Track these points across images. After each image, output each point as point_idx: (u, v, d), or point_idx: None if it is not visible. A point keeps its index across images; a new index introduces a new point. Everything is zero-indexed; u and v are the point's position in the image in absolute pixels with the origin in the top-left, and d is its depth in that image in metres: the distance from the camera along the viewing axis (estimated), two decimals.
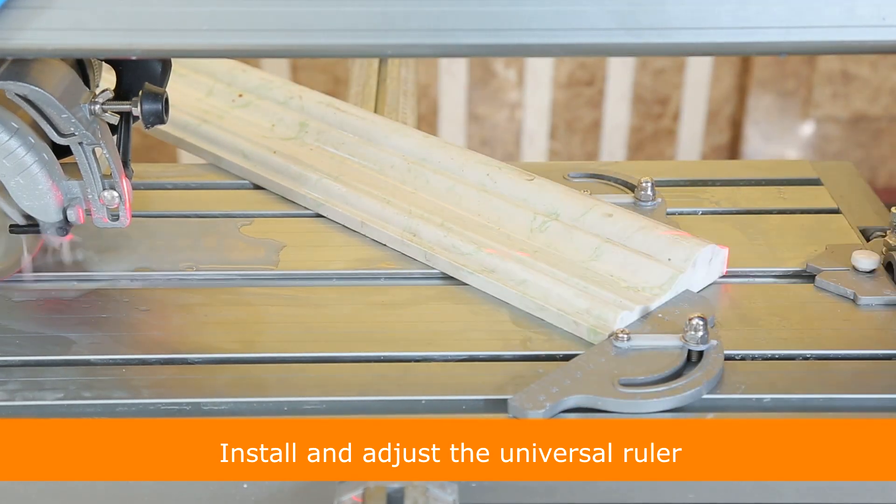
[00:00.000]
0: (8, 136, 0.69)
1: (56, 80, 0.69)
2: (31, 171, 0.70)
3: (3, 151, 0.69)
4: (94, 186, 0.73)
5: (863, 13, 0.62)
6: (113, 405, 0.65)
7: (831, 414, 0.64)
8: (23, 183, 0.71)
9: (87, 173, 0.72)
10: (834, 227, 0.86)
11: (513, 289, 0.76)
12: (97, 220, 0.74)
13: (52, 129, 0.70)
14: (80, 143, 0.71)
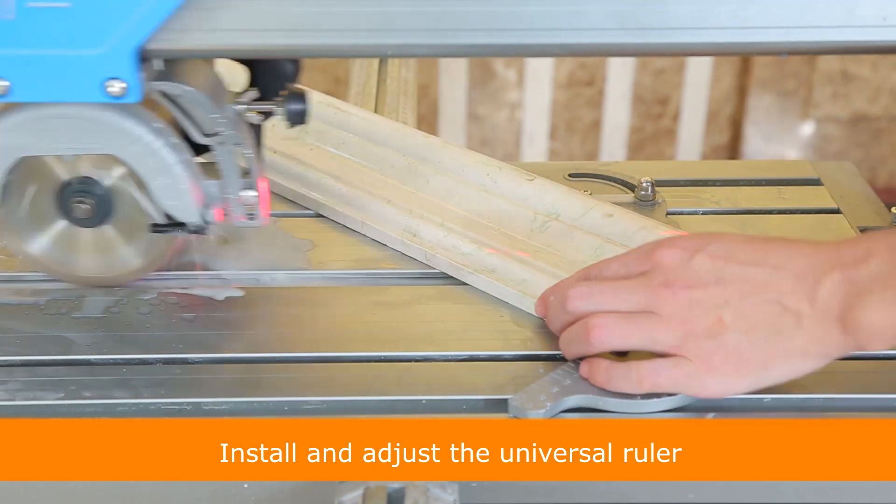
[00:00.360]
0: (153, 137, 0.69)
1: (204, 81, 0.70)
2: (175, 171, 0.70)
3: (148, 151, 0.69)
4: (232, 186, 0.73)
5: (864, 13, 0.62)
6: (113, 405, 0.65)
7: (831, 414, 0.64)
8: (166, 183, 0.71)
9: (227, 173, 0.72)
10: (834, 227, 0.86)
11: (513, 289, 0.76)
12: (234, 219, 0.74)
13: (195, 129, 0.70)
14: (222, 142, 0.71)
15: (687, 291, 0.63)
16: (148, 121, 0.69)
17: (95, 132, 0.68)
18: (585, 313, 0.66)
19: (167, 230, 0.73)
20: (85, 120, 0.68)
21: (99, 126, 0.68)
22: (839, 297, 0.60)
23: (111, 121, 0.68)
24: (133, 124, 0.69)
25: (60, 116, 0.68)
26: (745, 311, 0.62)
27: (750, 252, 0.64)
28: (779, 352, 0.62)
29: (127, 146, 0.69)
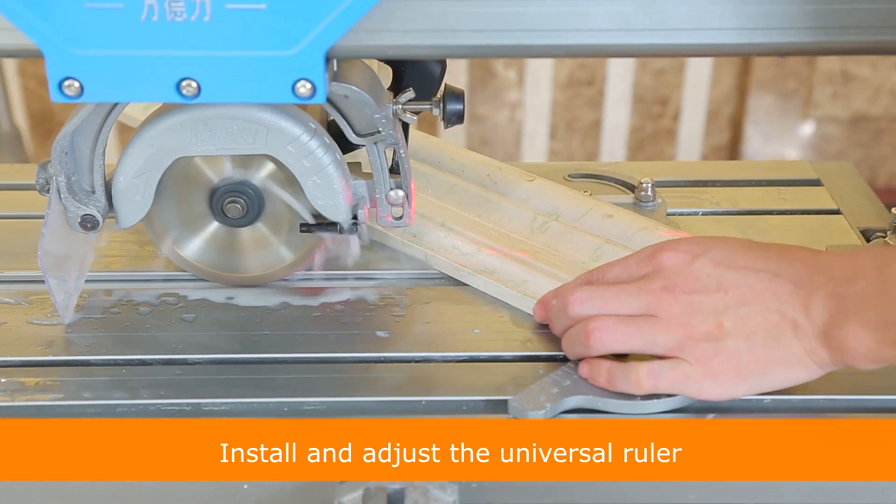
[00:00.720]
0: (309, 137, 0.69)
1: (366, 81, 0.70)
2: (328, 171, 0.71)
3: (304, 151, 0.70)
4: (381, 186, 0.73)
5: (862, 14, 0.62)
6: (113, 405, 0.65)
7: (832, 415, 0.64)
8: (319, 182, 0.71)
9: (378, 173, 0.72)
10: (834, 228, 0.86)
11: (513, 289, 0.76)
12: (381, 219, 0.74)
13: (349, 128, 0.71)
14: (375, 142, 0.71)
15: (688, 296, 0.63)
16: (304, 121, 0.70)
17: (253, 132, 0.69)
18: (587, 317, 0.66)
19: (316, 229, 0.74)
20: (244, 120, 0.68)
21: (257, 126, 0.69)
22: (828, 312, 0.61)
23: (269, 121, 0.69)
24: (290, 124, 0.69)
25: (219, 117, 0.68)
26: (745, 318, 0.62)
27: (751, 257, 0.64)
28: (777, 359, 0.62)
29: (283, 146, 0.70)
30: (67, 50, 0.60)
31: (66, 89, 0.62)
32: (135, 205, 0.72)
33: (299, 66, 0.61)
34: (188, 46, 0.61)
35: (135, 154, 0.70)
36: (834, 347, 0.61)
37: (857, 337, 0.59)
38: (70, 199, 0.71)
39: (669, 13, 0.63)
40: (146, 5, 0.59)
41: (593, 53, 0.68)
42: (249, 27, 0.60)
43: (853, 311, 0.59)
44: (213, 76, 0.62)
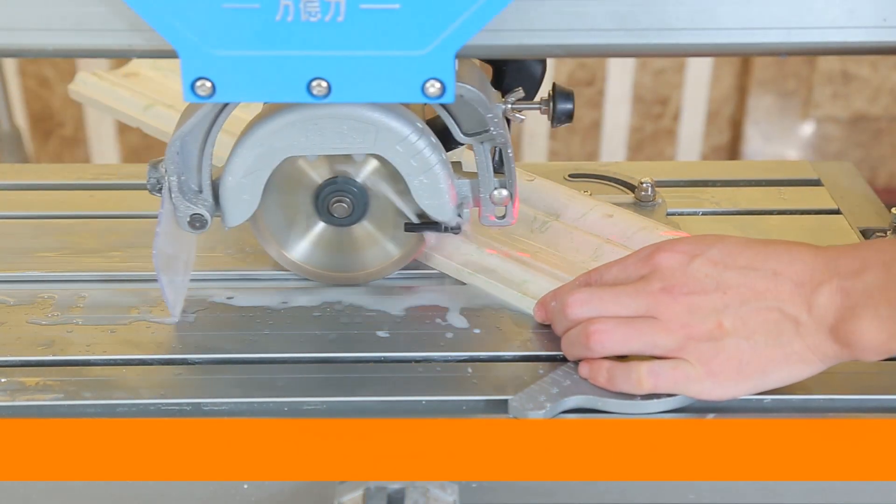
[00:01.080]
0: (417, 137, 0.70)
1: (476, 79, 0.70)
2: (435, 170, 0.71)
3: (412, 151, 0.70)
4: (486, 185, 0.73)
5: (863, 14, 0.62)
6: (113, 405, 0.65)
7: (832, 415, 0.64)
8: (426, 182, 0.71)
9: (483, 172, 0.73)
10: (834, 228, 0.86)
11: (513, 289, 0.76)
12: (484, 218, 0.74)
13: (457, 127, 0.71)
14: (482, 141, 0.71)
15: (687, 297, 0.63)
16: (412, 120, 0.70)
17: (363, 132, 0.69)
18: (587, 319, 0.66)
19: (420, 228, 0.74)
20: (354, 120, 0.69)
21: (367, 126, 0.69)
22: (834, 307, 0.60)
23: (379, 121, 0.69)
24: (399, 124, 0.69)
25: (329, 117, 0.68)
26: (745, 317, 0.62)
27: (750, 256, 0.64)
28: (778, 357, 0.62)
29: (392, 146, 0.70)
30: (202, 50, 0.61)
31: (198, 89, 0.62)
32: (243, 204, 0.72)
33: (430, 66, 0.62)
34: (321, 46, 0.61)
35: (244, 153, 0.70)
36: (843, 342, 0.60)
37: (868, 330, 0.59)
38: (180, 199, 0.71)
39: (669, 12, 0.63)
40: (282, 5, 0.60)
41: (593, 53, 0.68)
42: (382, 27, 0.60)
43: (862, 305, 0.59)
44: (343, 76, 0.62)
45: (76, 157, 2.11)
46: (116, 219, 0.88)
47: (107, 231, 0.86)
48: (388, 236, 0.76)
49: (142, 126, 1.01)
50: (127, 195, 0.93)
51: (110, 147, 2.07)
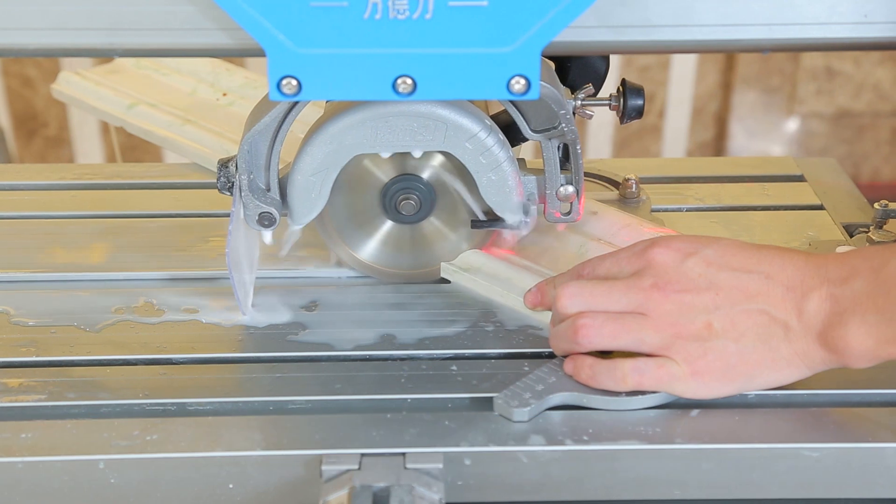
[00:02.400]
0: (486, 134, 0.70)
1: (548, 76, 0.70)
2: (504, 167, 0.71)
3: (481, 148, 0.70)
4: (553, 181, 0.73)
5: (844, 10, 0.62)
6: (97, 406, 0.65)
7: (814, 410, 0.64)
8: (494, 179, 0.72)
9: (551, 168, 0.73)
10: (818, 224, 0.86)
11: (498, 286, 0.76)
12: (550, 214, 0.75)
13: (525, 124, 0.71)
14: (551, 138, 0.71)
15: (678, 294, 0.63)
16: (481, 118, 0.70)
17: (433, 129, 0.69)
18: (576, 313, 0.66)
19: (487, 225, 0.74)
20: (424, 117, 0.69)
21: (437, 123, 0.69)
22: (823, 313, 0.61)
23: (449, 118, 0.69)
24: (469, 121, 0.69)
25: (400, 114, 0.69)
26: (735, 319, 0.62)
27: (743, 258, 0.64)
28: (765, 361, 0.62)
29: (461, 143, 0.70)
30: (290, 49, 0.61)
31: (284, 87, 0.62)
32: (311, 202, 0.72)
33: (516, 63, 0.62)
34: (408, 44, 0.61)
35: (314, 152, 0.70)
36: (831, 348, 0.61)
37: (856, 336, 0.59)
38: (250, 197, 0.71)
39: (651, 9, 0.63)
40: (370, 3, 0.60)
41: (576, 50, 0.68)
42: (470, 24, 0.61)
43: (851, 311, 0.60)
44: (429, 73, 0.62)
45: (60, 157, 2.10)
46: (99, 218, 0.88)
47: (90, 231, 0.86)
48: (455, 231, 0.77)
49: (125, 125, 1.01)
50: (109, 195, 0.93)
51: (94, 147, 2.06)
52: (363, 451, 0.60)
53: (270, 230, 0.73)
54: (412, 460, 0.60)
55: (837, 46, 0.65)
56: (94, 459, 0.60)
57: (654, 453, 0.61)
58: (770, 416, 0.63)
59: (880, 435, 0.62)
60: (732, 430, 0.62)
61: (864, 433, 0.62)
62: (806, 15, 0.64)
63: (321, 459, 0.60)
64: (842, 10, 0.63)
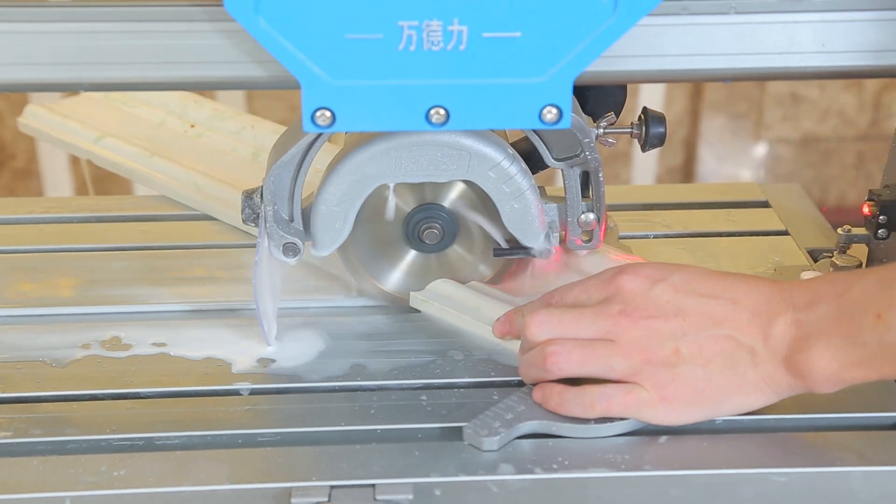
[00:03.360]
0: (509, 163, 0.70)
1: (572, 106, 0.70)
2: (526, 195, 0.71)
3: (504, 177, 0.70)
4: (574, 209, 0.73)
5: (803, 40, 0.64)
6: (64, 442, 0.65)
7: (782, 434, 0.65)
8: (517, 207, 0.72)
9: (572, 196, 0.73)
10: (783, 249, 0.87)
11: (467, 315, 0.76)
12: (571, 242, 0.75)
13: (548, 152, 0.71)
14: (572, 166, 0.72)
15: (646, 321, 0.64)
16: (503, 146, 0.70)
17: (457, 158, 0.70)
18: (545, 341, 0.66)
19: (510, 253, 0.75)
20: (448, 147, 0.69)
21: (461, 153, 0.69)
22: (788, 338, 0.61)
23: (473, 147, 0.69)
24: (492, 150, 0.70)
25: (424, 144, 0.69)
26: (702, 344, 0.63)
27: (710, 285, 0.64)
28: (732, 387, 0.63)
29: (485, 172, 0.70)
30: (324, 81, 0.61)
31: (318, 119, 0.62)
32: (334, 232, 0.72)
33: (548, 93, 0.62)
34: (441, 75, 0.61)
35: (338, 182, 0.71)
36: (796, 373, 0.61)
37: (821, 360, 0.60)
38: (275, 228, 0.71)
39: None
40: (405, 35, 0.60)
41: None
42: (503, 55, 0.61)
43: (816, 336, 0.60)
44: (463, 104, 0.62)
45: (29, 190, 2.09)
46: (67, 252, 0.88)
47: (57, 265, 0.85)
48: (479, 255, 0.77)
49: (92, 157, 1.01)
50: (77, 228, 0.92)
51: (64, 179, 2.05)
52: (333, 483, 0.60)
53: (294, 260, 0.73)
54: (382, 491, 0.60)
55: (797, 75, 0.66)
56: (61, 496, 0.60)
57: (623, 481, 0.61)
58: (738, 442, 0.64)
59: (846, 459, 0.62)
60: (700, 456, 0.63)
61: (831, 457, 0.62)
62: (766, 45, 0.65)
63: (290, 492, 0.60)
64: (801, 40, 0.64)
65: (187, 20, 0.62)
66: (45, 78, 0.63)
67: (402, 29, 0.60)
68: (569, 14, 0.60)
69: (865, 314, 0.59)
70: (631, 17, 0.60)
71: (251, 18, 0.59)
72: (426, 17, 0.59)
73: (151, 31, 0.62)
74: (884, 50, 0.64)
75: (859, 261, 0.82)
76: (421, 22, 0.60)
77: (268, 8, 0.59)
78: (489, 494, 0.61)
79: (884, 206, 0.78)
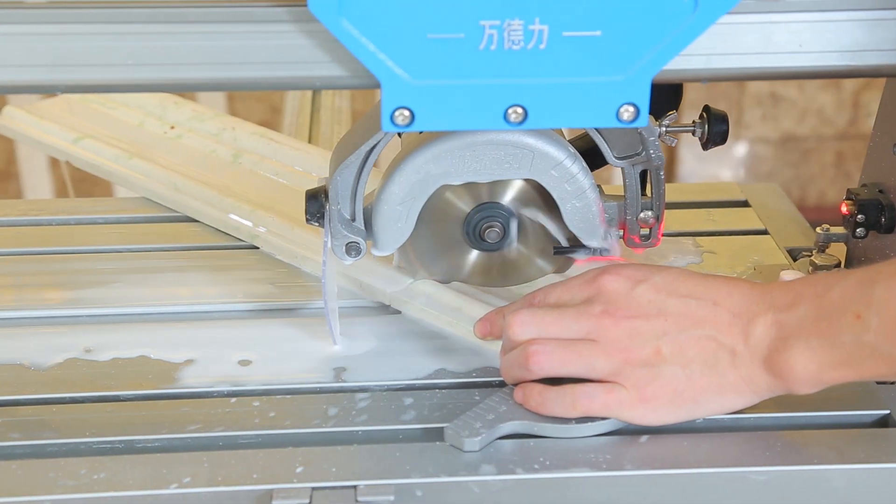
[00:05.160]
0: (571, 161, 0.70)
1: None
2: (588, 194, 0.71)
3: (566, 175, 0.70)
4: (634, 207, 0.73)
5: (780, 40, 0.64)
6: (43, 445, 0.64)
7: (761, 433, 0.65)
8: (578, 206, 0.72)
9: (632, 194, 0.73)
10: (762, 248, 0.88)
11: (448, 316, 0.76)
12: (630, 240, 0.75)
13: (609, 150, 0.71)
14: (633, 164, 0.72)
15: (628, 321, 0.64)
16: (565, 145, 0.70)
17: (520, 158, 0.70)
18: (527, 340, 0.66)
19: (570, 251, 0.75)
20: (511, 146, 0.69)
21: (524, 151, 0.69)
22: (768, 339, 0.61)
23: (536, 146, 0.69)
24: (555, 149, 0.70)
25: (487, 143, 0.69)
26: (683, 345, 0.63)
27: (691, 286, 0.65)
28: (712, 387, 0.63)
29: (547, 170, 0.70)
30: (405, 81, 0.61)
31: (397, 118, 0.62)
32: (396, 231, 0.72)
33: (626, 91, 0.62)
34: (521, 74, 0.61)
35: (401, 181, 0.71)
36: (776, 373, 0.61)
37: (800, 360, 0.60)
38: (338, 227, 0.71)
39: None
40: (486, 34, 0.60)
41: None
42: (583, 54, 0.61)
43: (795, 336, 0.60)
44: (541, 103, 0.62)
45: (8, 192, 2.07)
46: (46, 255, 0.87)
47: (36, 268, 0.85)
48: (540, 251, 0.77)
49: (71, 159, 1.00)
50: (55, 230, 0.92)
51: (43, 181, 2.04)
52: (314, 485, 0.60)
53: (355, 259, 0.73)
54: (363, 493, 0.60)
55: (774, 75, 0.66)
56: (40, 500, 0.59)
57: (604, 480, 0.61)
58: (718, 441, 0.64)
59: (826, 457, 0.62)
60: (681, 456, 0.63)
61: (811, 455, 0.63)
62: (743, 45, 0.65)
63: (272, 494, 0.59)
64: (777, 40, 0.64)
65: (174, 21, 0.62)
66: (21, 80, 0.63)
67: (483, 28, 0.60)
68: (649, 12, 0.60)
69: (845, 314, 0.59)
70: (711, 15, 0.60)
71: (334, 19, 0.59)
72: (508, 17, 0.60)
73: (130, 33, 0.62)
74: (861, 50, 0.65)
75: (838, 260, 0.83)
76: (502, 21, 0.60)
77: (351, 9, 0.59)
78: (471, 495, 0.61)
79: (862, 206, 0.78)
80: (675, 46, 0.61)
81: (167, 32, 0.61)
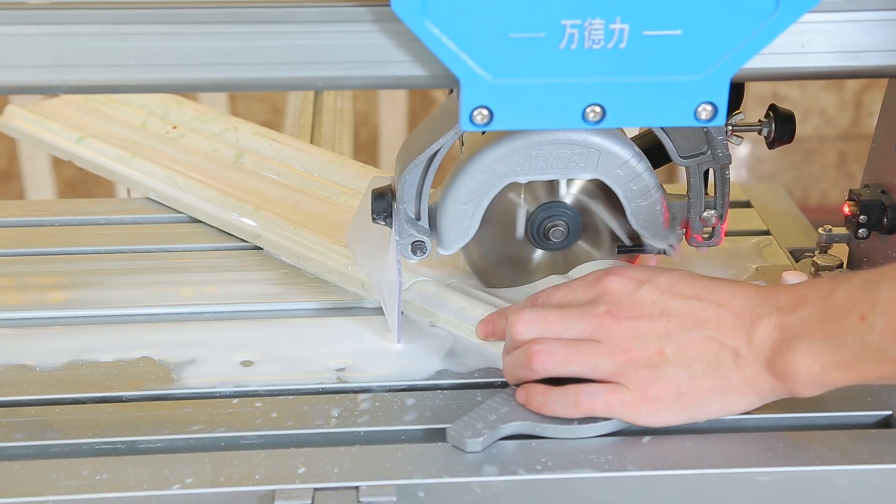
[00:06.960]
0: (637, 161, 0.70)
1: None
2: (652, 193, 0.72)
3: (632, 175, 0.71)
4: (697, 206, 0.73)
5: (783, 41, 0.64)
6: (46, 446, 0.64)
7: (765, 434, 0.65)
8: (643, 205, 0.72)
9: (696, 193, 0.73)
10: (764, 249, 0.88)
11: (451, 316, 0.76)
12: (692, 238, 0.75)
13: (674, 149, 0.71)
14: (699, 163, 0.72)
15: (631, 321, 0.64)
16: (630, 144, 0.70)
17: (586, 157, 0.70)
18: (531, 340, 0.66)
19: (633, 250, 0.75)
20: (577, 145, 0.69)
21: (590, 151, 0.69)
22: (772, 340, 0.61)
23: (602, 145, 0.69)
24: (621, 148, 0.70)
25: (554, 142, 0.69)
26: (686, 346, 0.63)
27: (695, 287, 0.65)
28: (715, 388, 0.63)
29: (613, 170, 0.70)
30: (485, 80, 0.61)
31: (476, 117, 0.62)
32: (461, 230, 0.73)
33: (705, 90, 0.62)
34: (601, 73, 0.61)
35: (467, 180, 0.71)
36: (779, 375, 0.61)
37: (803, 362, 0.60)
38: (405, 227, 0.72)
39: None
40: (567, 34, 0.60)
41: None
42: (662, 53, 0.61)
43: (799, 338, 0.60)
44: (619, 102, 0.62)
45: (10, 192, 2.07)
46: (48, 256, 0.87)
47: (39, 269, 0.85)
48: (606, 250, 0.77)
49: (73, 159, 1.00)
50: (58, 231, 0.92)
51: (45, 181, 2.04)
52: (316, 486, 0.60)
53: (420, 259, 0.73)
54: (365, 494, 0.60)
55: (777, 76, 0.66)
56: (43, 501, 0.59)
57: (606, 481, 0.61)
58: (721, 441, 0.64)
59: (829, 457, 0.62)
60: (684, 456, 0.63)
61: (813, 456, 0.63)
62: None
63: (274, 495, 0.59)
64: (780, 41, 0.64)
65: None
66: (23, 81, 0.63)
67: (564, 28, 0.60)
68: (731, 11, 0.60)
69: (849, 315, 0.59)
70: (792, 14, 0.60)
71: (417, 19, 0.59)
72: (589, 16, 0.60)
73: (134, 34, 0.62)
74: (864, 51, 0.65)
75: (840, 260, 0.83)
76: (584, 21, 0.60)
77: (434, 9, 0.59)
78: (473, 496, 0.61)
79: (864, 206, 0.78)
80: (756, 45, 0.61)
81: (170, 33, 0.61)
